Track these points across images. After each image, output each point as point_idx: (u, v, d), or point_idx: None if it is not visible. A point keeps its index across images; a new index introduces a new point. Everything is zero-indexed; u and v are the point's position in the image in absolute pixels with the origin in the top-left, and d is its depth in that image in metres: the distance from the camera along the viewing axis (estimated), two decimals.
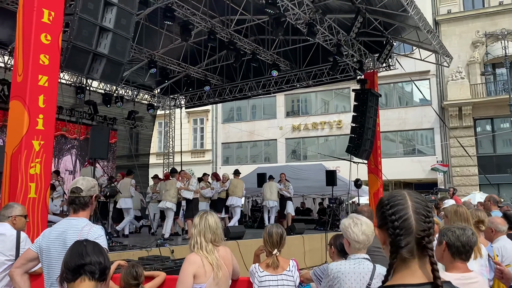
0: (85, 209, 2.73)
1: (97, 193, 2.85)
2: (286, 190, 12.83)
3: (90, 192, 2.75)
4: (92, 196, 2.77)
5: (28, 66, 4.90)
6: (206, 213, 2.93)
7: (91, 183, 2.79)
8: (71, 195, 2.73)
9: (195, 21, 11.87)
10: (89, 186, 2.75)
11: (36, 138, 4.92)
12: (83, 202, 2.71)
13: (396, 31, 12.90)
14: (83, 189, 2.72)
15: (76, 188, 2.73)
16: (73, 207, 2.73)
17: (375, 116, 14.14)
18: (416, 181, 25.60)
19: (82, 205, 2.71)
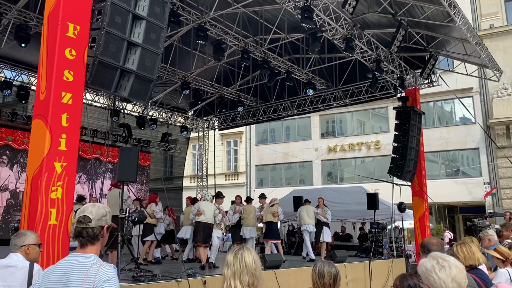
0: (94, 242, 2.27)
1: (110, 223, 2.37)
2: (323, 215, 11.97)
3: (101, 222, 2.29)
4: (103, 227, 2.31)
5: (51, 82, 4.60)
6: (241, 249, 2.38)
7: (103, 211, 2.33)
8: (78, 226, 2.28)
9: (228, 40, 11.60)
10: (100, 215, 2.30)
11: (58, 160, 4.56)
12: (92, 234, 2.25)
13: (440, 44, 12.17)
14: (92, 218, 2.27)
15: (83, 217, 2.28)
16: (80, 240, 2.26)
17: (418, 135, 13.30)
18: (462, 204, 24.13)
19: (90, 238, 2.26)
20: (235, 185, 28.73)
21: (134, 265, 6.54)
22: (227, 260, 2.37)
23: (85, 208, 2.33)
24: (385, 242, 13.41)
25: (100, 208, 2.33)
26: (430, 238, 3.16)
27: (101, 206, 2.36)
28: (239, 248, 2.39)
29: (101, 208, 2.33)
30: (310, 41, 9.64)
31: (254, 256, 2.37)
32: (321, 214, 11.87)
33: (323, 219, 11.83)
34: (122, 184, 6.63)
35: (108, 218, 2.36)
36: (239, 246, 2.40)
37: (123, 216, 6.49)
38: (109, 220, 2.37)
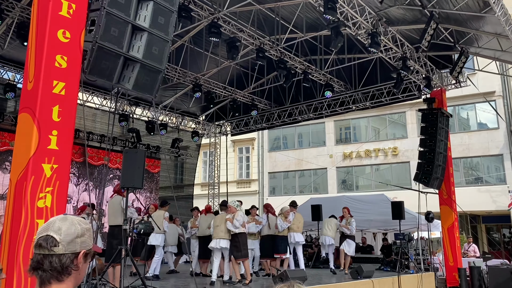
0: (62, 279, 1.44)
1: (90, 247, 1.53)
2: (346, 226, 11.03)
3: (73, 245, 1.47)
4: (77, 254, 1.48)
5: (41, 69, 3.86)
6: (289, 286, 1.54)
7: (77, 229, 1.49)
8: (36, 252, 1.46)
9: (243, 38, 10.87)
10: (73, 234, 1.48)
11: (48, 161, 3.80)
12: (59, 266, 1.43)
13: (470, 41, 11.31)
14: (60, 240, 1.44)
15: (45, 239, 1.44)
16: (40, 275, 1.44)
17: (446, 139, 12.40)
18: (485, 214, 23.00)
19: (56, 272, 1.43)
20: (247, 193, 27.90)
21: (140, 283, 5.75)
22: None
23: (50, 224, 1.49)
24: (411, 254, 12.45)
25: (74, 224, 1.50)
26: None
27: (76, 221, 1.52)
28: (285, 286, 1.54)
29: (75, 224, 1.50)
30: (332, 36, 8.85)
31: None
32: (345, 226, 10.98)
33: (347, 231, 10.93)
34: (126, 191, 5.88)
35: (87, 240, 1.52)
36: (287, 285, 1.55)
37: (126, 227, 5.73)
38: (89, 242, 1.53)
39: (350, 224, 10.88)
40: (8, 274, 3.54)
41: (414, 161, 22.15)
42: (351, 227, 10.87)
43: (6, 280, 3.54)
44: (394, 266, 11.66)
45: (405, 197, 14.29)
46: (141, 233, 5.85)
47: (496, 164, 22.85)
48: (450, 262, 12.16)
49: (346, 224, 10.98)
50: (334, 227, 11.25)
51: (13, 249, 3.55)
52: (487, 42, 10.85)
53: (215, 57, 13.34)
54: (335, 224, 11.28)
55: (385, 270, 12.02)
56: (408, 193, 16.10)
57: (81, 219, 1.53)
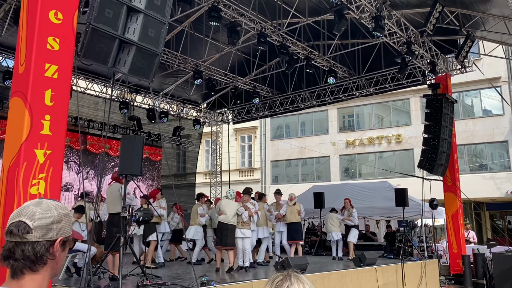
0: (36, 269, 1.30)
1: (68, 235, 1.37)
2: (349, 218, 11.36)
3: (48, 232, 1.31)
4: (53, 242, 1.33)
5: (32, 51, 3.71)
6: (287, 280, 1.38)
7: (54, 214, 1.34)
8: (8, 240, 1.32)
9: (244, 23, 10.65)
10: (48, 220, 1.32)
11: (40, 146, 3.68)
12: (32, 254, 1.29)
13: (476, 24, 11.06)
14: (33, 227, 1.30)
15: (17, 225, 1.30)
16: (11, 265, 1.29)
17: (451, 125, 12.22)
18: (489, 201, 22.84)
19: (29, 262, 1.29)
20: (250, 182, 27.82)
21: (140, 271, 5.67)
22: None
23: (23, 209, 1.33)
24: (415, 241, 12.36)
25: (50, 209, 1.34)
26: None
27: (53, 206, 1.36)
28: (283, 278, 1.41)
29: (51, 209, 1.34)
30: (335, 19, 8.65)
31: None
32: (347, 219, 11.20)
33: (350, 223, 11.19)
34: (124, 178, 5.76)
35: (65, 226, 1.36)
36: (283, 275, 1.42)
37: (125, 215, 5.63)
38: (67, 229, 1.37)
39: (352, 215, 10.98)
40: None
41: (417, 148, 22.00)
42: (353, 218, 11.02)
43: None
44: (397, 254, 11.59)
45: (408, 184, 14.17)
46: (140, 221, 5.75)
47: (500, 151, 22.65)
48: (454, 249, 12.07)
49: (349, 215, 11.12)
50: (337, 221, 11.46)
51: None
52: (494, 26, 10.60)
53: (216, 42, 13.13)
54: (336, 218, 11.50)
55: (389, 257, 11.95)
56: (411, 180, 15.96)
57: (58, 204, 1.39)
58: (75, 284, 5.60)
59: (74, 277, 7.05)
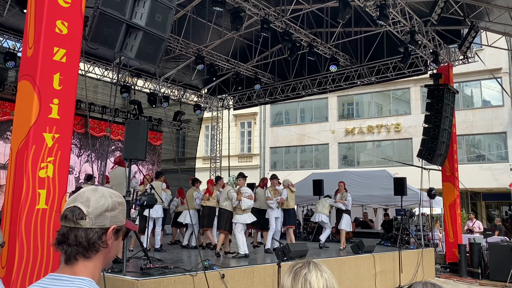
0: (89, 256, 1.30)
1: (122, 223, 1.37)
2: (342, 201, 10.95)
3: (102, 219, 1.32)
4: (107, 230, 1.33)
5: (40, 35, 3.72)
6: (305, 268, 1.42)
7: (108, 202, 1.34)
8: (62, 225, 1.31)
9: (247, 9, 10.59)
10: (102, 207, 1.32)
11: (49, 130, 3.71)
12: (85, 241, 1.29)
13: (480, 15, 11.01)
14: (88, 213, 1.30)
15: (71, 210, 1.31)
16: (65, 250, 1.29)
17: (451, 116, 12.25)
18: (486, 191, 23.04)
19: (82, 248, 1.29)
20: (249, 168, 27.96)
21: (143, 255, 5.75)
22: (282, 285, 1.45)
23: (79, 195, 1.34)
24: (412, 230, 12.50)
25: (105, 196, 1.34)
26: None
27: (108, 193, 1.35)
28: (301, 265, 1.43)
29: (106, 196, 1.34)
30: (340, 7, 8.61)
31: (328, 278, 1.41)
32: (340, 201, 10.87)
33: (342, 206, 10.82)
34: (129, 162, 5.80)
35: (119, 215, 1.36)
36: (302, 263, 1.46)
37: (129, 199, 5.68)
38: (121, 218, 1.37)
39: (346, 198, 10.79)
40: (10, 244, 3.50)
41: (416, 137, 22.08)
42: (347, 202, 10.78)
43: (8, 250, 3.50)
44: (394, 242, 11.73)
45: (405, 173, 14.26)
46: (144, 205, 5.82)
47: (498, 142, 22.75)
48: (451, 238, 12.22)
49: (342, 198, 10.86)
50: (327, 205, 11.17)
51: (14, 219, 3.50)
52: (498, 17, 10.57)
53: (219, 28, 13.05)
54: (327, 201, 11.25)
55: (386, 245, 12.09)
56: (409, 170, 16.07)
57: (114, 192, 1.39)
58: None
59: None
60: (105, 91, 15.18)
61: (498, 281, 10.46)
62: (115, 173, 6.53)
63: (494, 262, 11.00)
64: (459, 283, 10.74)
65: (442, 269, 12.20)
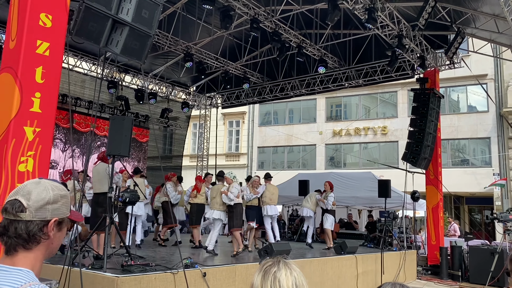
0: (30, 247, 1.32)
1: (65, 216, 1.39)
2: (322, 200, 11.05)
3: (43, 212, 1.33)
4: (48, 222, 1.35)
5: (24, 27, 3.67)
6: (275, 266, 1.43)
7: (50, 195, 1.35)
8: (4, 217, 1.34)
9: (237, 7, 10.58)
10: (44, 200, 1.33)
11: (30, 124, 3.67)
12: (25, 233, 1.31)
13: (467, 21, 11.17)
14: (28, 206, 1.32)
15: (12, 203, 1.32)
16: (5, 241, 1.32)
17: (436, 120, 12.41)
18: (469, 195, 23.36)
19: (22, 240, 1.31)
20: (236, 167, 27.96)
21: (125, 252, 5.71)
22: (252, 283, 1.46)
23: (21, 188, 1.36)
24: (395, 232, 12.63)
25: (47, 189, 1.35)
26: None
27: (50, 186, 1.36)
28: (271, 263, 1.44)
29: (48, 189, 1.35)
30: (329, 9, 8.65)
31: (297, 277, 1.42)
32: (321, 200, 11.02)
33: (323, 205, 10.98)
34: (112, 159, 5.75)
35: (61, 207, 1.37)
36: (272, 261, 1.48)
37: (111, 195, 5.64)
38: (63, 210, 1.38)
39: (327, 198, 10.87)
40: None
41: (402, 140, 22.26)
42: (327, 201, 10.86)
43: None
44: (377, 243, 11.84)
45: (391, 176, 14.39)
46: (127, 202, 5.78)
47: (482, 147, 23.07)
48: (433, 241, 12.37)
49: (323, 198, 10.98)
50: (314, 200, 11.29)
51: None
52: (484, 23, 10.73)
53: (208, 26, 13.02)
54: (315, 197, 11.34)
55: (369, 246, 12.20)
56: (394, 172, 16.22)
57: (57, 185, 1.40)
58: (59, 262, 5.63)
59: (57, 254, 7.07)
60: (92, 86, 15.04)
61: (478, 284, 10.62)
62: (97, 169, 6.49)
63: (474, 265, 11.17)
64: (439, 285, 10.88)
65: (423, 271, 12.35)
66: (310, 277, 7.60)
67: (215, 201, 8.35)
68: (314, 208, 11.32)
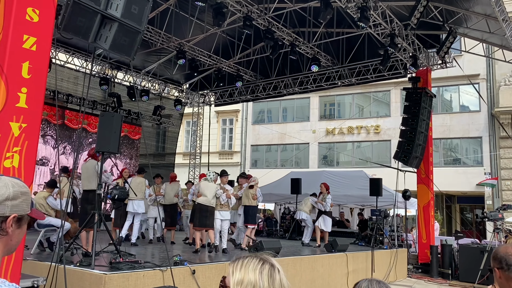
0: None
1: (24, 213, 1.38)
2: (321, 202, 11.19)
3: (1, 208, 1.33)
4: (6, 218, 1.34)
5: (10, 21, 3.63)
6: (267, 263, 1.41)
7: (9, 191, 1.35)
8: None
9: (230, 5, 10.55)
10: (1, 196, 1.33)
11: (16, 119, 3.63)
12: None
13: (459, 21, 11.22)
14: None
15: None
16: None
17: (428, 119, 12.46)
18: (460, 194, 23.53)
19: None
20: (229, 165, 27.90)
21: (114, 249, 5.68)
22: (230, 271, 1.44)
23: None
24: (386, 230, 12.69)
25: (7, 186, 1.35)
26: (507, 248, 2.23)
27: (10, 183, 1.37)
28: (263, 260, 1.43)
29: (7, 186, 1.35)
30: (321, 7, 8.65)
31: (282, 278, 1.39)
32: (319, 202, 11.16)
33: (321, 207, 11.11)
34: (101, 155, 5.72)
35: (21, 204, 1.37)
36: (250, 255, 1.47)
37: (100, 192, 5.61)
38: (23, 207, 1.37)
39: (325, 200, 10.96)
40: None
41: (395, 139, 22.28)
42: (325, 203, 10.96)
43: None
44: (368, 241, 11.89)
45: (383, 175, 14.46)
46: (115, 199, 5.74)
47: (474, 146, 23.21)
48: (423, 240, 12.44)
49: (321, 200, 11.09)
50: (309, 204, 11.47)
51: None
52: (476, 23, 10.78)
53: (201, 23, 12.97)
54: (310, 201, 11.49)
55: (360, 244, 12.24)
56: (387, 171, 16.29)
57: (18, 182, 1.39)
58: (47, 258, 5.60)
59: (46, 251, 7.03)
60: (83, 83, 14.94)
61: (467, 282, 10.70)
62: (86, 166, 6.45)
63: (464, 264, 11.26)
64: (429, 284, 10.95)
65: (414, 269, 12.42)
66: (300, 275, 7.62)
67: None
68: (308, 210, 11.55)
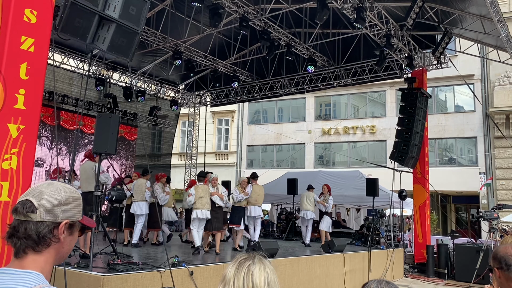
0: (39, 250, 1.28)
1: (76, 219, 1.36)
2: (323, 203, 11.26)
3: (54, 213, 1.30)
4: (59, 224, 1.31)
5: (8, 22, 3.61)
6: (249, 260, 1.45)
7: (62, 196, 1.32)
8: (14, 218, 1.30)
9: (226, 5, 10.55)
10: (55, 201, 1.31)
11: (14, 121, 3.62)
12: (35, 234, 1.27)
13: (454, 22, 11.28)
14: (39, 206, 1.28)
15: (23, 204, 1.29)
16: (14, 243, 1.28)
17: (423, 120, 12.53)
18: (455, 194, 23.65)
19: (32, 242, 1.27)
20: (225, 165, 27.91)
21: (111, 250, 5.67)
22: (225, 274, 1.46)
23: (33, 188, 1.33)
24: (382, 230, 12.73)
25: (59, 191, 1.32)
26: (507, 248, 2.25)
27: (62, 188, 1.34)
28: (246, 257, 1.46)
29: (59, 191, 1.32)
30: (318, 8, 8.67)
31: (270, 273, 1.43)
32: (322, 203, 11.20)
33: (323, 208, 11.17)
34: (99, 157, 5.70)
35: (73, 210, 1.34)
36: (248, 255, 1.49)
37: (98, 193, 5.60)
38: (75, 213, 1.35)
39: (327, 201, 11.04)
40: None
41: (390, 139, 22.45)
42: (328, 204, 11.04)
43: None
44: (365, 241, 11.93)
45: (379, 175, 14.51)
46: (113, 200, 5.73)
47: (469, 146, 23.34)
48: (420, 239, 12.50)
49: (323, 201, 11.13)
50: (313, 200, 11.35)
51: None
52: (471, 24, 10.85)
53: (197, 24, 12.96)
54: (313, 197, 11.39)
55: (357, 245, 12.28)
56: (382, 171, 16.34)
57: (70, 187, 1.38)
58: None
59: None
60: (79, 84, 14.88)
61: (463, 282, 10.76)
62: (84, 167, 6.42)
63: (460, 263, 11.32)
64: (425, 283, 11.00)
65: (410, 269, 12.47)
66: (298, 275, 7.63)
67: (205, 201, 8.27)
68: (314, 208, 11.50)
